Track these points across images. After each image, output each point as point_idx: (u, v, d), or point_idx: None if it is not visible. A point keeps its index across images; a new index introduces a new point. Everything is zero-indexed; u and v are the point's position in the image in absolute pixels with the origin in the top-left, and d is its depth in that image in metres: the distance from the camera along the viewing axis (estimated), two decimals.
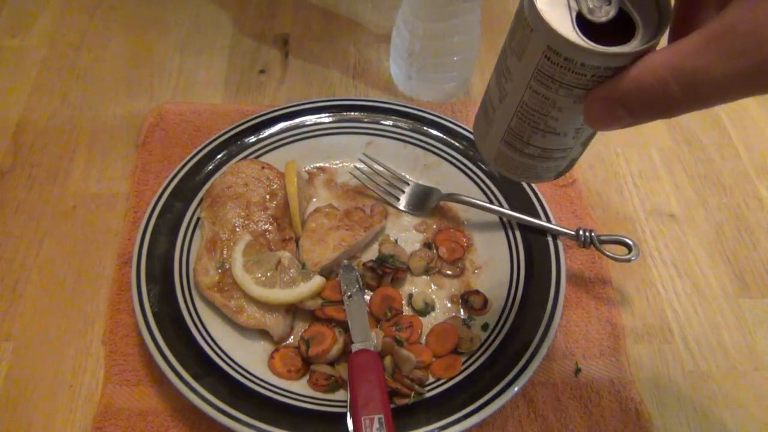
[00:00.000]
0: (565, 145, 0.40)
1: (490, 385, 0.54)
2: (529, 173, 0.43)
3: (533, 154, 0.41)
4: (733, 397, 0.59)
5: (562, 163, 0.42)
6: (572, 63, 0.33)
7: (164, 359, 0.54)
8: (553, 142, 0.39)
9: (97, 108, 0.78)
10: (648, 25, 0.33)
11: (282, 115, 0.73)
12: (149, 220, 0.63)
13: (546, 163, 0.41)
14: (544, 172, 0.43)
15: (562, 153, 0.40)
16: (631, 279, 0.66)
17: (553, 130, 0.38)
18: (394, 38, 0.77)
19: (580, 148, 0.41)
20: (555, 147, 0.40)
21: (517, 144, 0.41)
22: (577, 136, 0.39)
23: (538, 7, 0.33)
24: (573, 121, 0.37)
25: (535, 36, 0.34)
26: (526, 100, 0.37)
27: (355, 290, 0.60)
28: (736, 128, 0.79)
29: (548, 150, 0.40)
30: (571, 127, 0.38)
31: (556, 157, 0.41)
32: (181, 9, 0.90)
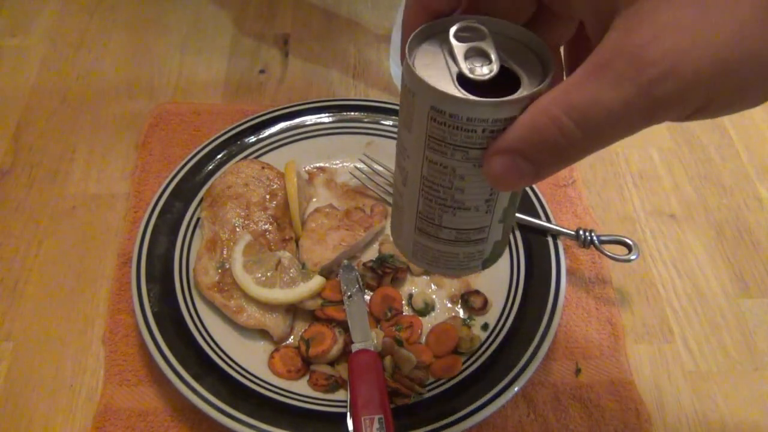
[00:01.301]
0: (480, 222, 0.37)
1: (490, 385, 0.54)
2: (452, 263, 0.40)
3: (449, 238, 0.38)
4: (733, 397, 0.59)
5: (485, 248, 0.39)
6: (458, 119, 0.31)
7: (164, 359, 0.54)
8: (466, 220, 0.37)
9: (97, 108, 0.78)
10: (533, 76, 0.32)
11: (282, 115, 0.73)
12: (149, 220, 0.63)
13: (466, 248, 0.39)
14: (469, 260, 0.40)
15: (481, 234, 0.38)
16: (631, 279, 0.66)
17: (461, 205, 0.36)
18: (394, 38, 0.77)
19: (499, 228, 0.38)
20: (470, 226, 0.37)
21: (430, 229, 0.38)
22: (490, 209, 0.37)
23: (416, 71, 0.32)
24: (480, 191, 0.35)
25: (418, 100, 0.32)
26: (426, 175, 0.35)
27: (355, 290, 0.60)
28: (736, 128, 0.79)
29: (464, 231, 0.38)
30: (480, 198, 0.36)
31: (475, 240, 0.38)
32: (181, 9, 0.90)
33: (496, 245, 0.40)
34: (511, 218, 0.39)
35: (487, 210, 0.37)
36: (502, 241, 0.40)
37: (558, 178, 0.72)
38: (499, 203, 0.36)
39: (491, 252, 0.40)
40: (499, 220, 0.38)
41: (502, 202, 0.37)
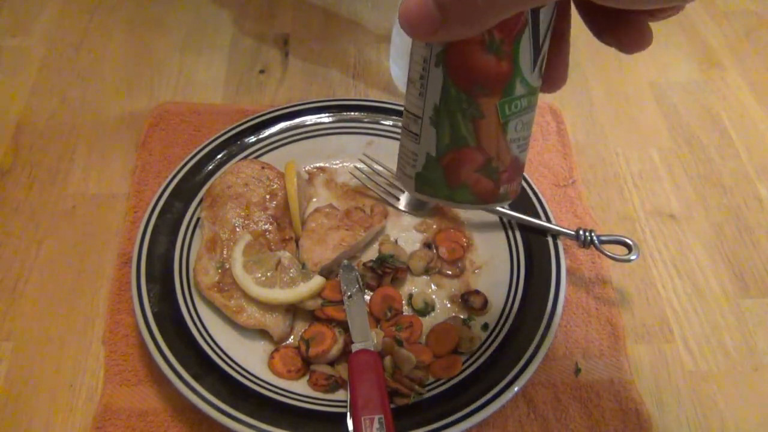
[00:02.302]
0: (416, 106, 0.36)
1: (490, 385, 0.54)
2: (399, 160, 0.39)
3: (403, 122, 0.38)
4: (733, 397, 0.59)
5: (418, 153, 0.38)
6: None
7: (164, 359, 0.54)
8: (409, 96, 0.37)
9: (97, 108, 0.79)
10: None
11: (282, 115, 0.73)
12: (149, 220, 0.63)
13: (406, 142, 0.38)
14: (406, 162, 0.39)
15: (415, 125, 0.37)
16: (631, 279, 0.66)
17: (409, 74, 0.36)
18: (394, 38, 0.77)
19: (431, 134, 0.37)
20: (410, 107, 0.37)
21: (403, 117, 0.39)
22: (423, 93, 0.36)
23: None
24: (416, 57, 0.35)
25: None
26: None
27: (355, 290, 0.60)
28: (736, 128, 0.79)
29: (408, 114, 0.37)
30: (416, 71, 0.36)
31: (411, 132, 0.37)
32: (181, 9, 0.90)
33: (429, 162, 0.38)
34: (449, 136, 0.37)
35: (420, 91, 0.36)
36: (438, 164, 0.38)
37: (558, 178, 0.72)
38: (430, 90, 0.36)
39: (424, 167, 0.38)
40: (430, 117, 0.36)
41: (433, 90, 0.35)
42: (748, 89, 0.84)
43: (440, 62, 0.34)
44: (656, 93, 0.83)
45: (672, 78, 0.85)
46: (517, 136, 0.37)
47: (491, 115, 0.35)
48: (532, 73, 0.35)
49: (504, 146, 0.37)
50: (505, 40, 0.33)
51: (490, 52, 0.33)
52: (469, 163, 0.37)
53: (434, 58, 0.34)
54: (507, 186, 0.39)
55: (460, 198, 0.38)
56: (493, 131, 0.36)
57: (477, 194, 0.38)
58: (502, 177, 0.38)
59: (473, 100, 0.35)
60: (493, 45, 0.33)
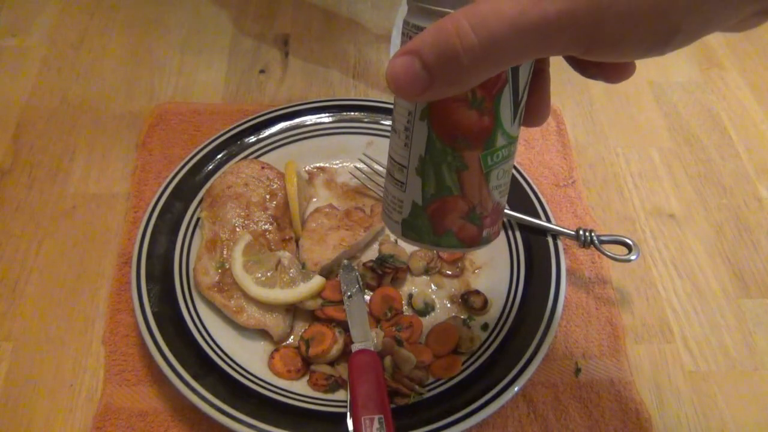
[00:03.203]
0: (402, 156, 0.37)
1: (490, 385, 0.54)
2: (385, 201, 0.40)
3: (388, 167, 0.39)
4: (733, 397, 0.59)
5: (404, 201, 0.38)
6: (407, 26, 0.34)
7: (164, 359, 0.54)
8: (394, 145, 0.38)
9: (97, 108, 0.78)
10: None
11: (282, 115, 0.73)
12: (149, 220, 0.63)
13: (392, 188, 0.39)
14: (392, 208, 0.39)
15: (401, 174, 0.38)
16: (631, 279, 0.66)
17: (393, 125, 0.37)
18: (394, 38, 0.77)
19: (417, 182, 0.37)
20: (395, 156, 0.38)
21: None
22: (408, 143, 0.37)
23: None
24: (400, 110, 0.36)
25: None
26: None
27: (355, 290, 0.60)
28: (736, 128, 0.79)
29: (392, 162, 0.38)
30: (401, 123, 0.36)
31: (397, 180, 0.38)
32: (181, 9, 0.90)
33: (415, 210, 0.39)
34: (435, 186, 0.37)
35: (405, 141, 0.37)
36: (424, 212, 0.38)
37: (558, 178, 0.72)
38: (415, 142, 0.36)
39: (410, 215, 0.39)
40: (416, 167, 0.37)
41: (418, 142, 0.36)
42: (748, 89, 0.84)
43: (425, 117, 0.35)
44: (656, 93, 0.83)
45: (672, 78, 0.85)
46: (499, 183, 0.38)
47: (474, 166, 0.37)
48: (512, 124, 0.36)
49: (486, 194, 0.38)
50: (486, 96, 0.34)
51: (473, 108, 0.34)
52: (454, 211, 0.38)
53: (419, 112, 0.35)
54: (489, 230, 0.40)
55: (445, 243, 0.39)
56: (476, 181, 0.37)
57: (461, 239, 0.39)
58: (485, 222, 0.39)
59: (457, 152, 0.36)
60: (475, 101, 0.34)
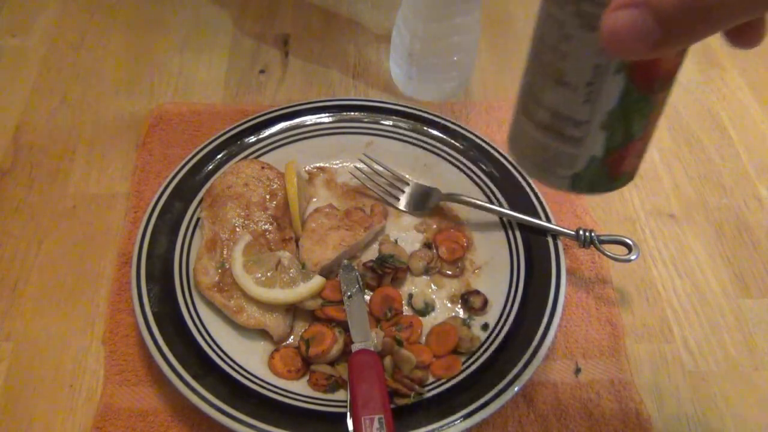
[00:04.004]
0: (577, 112, 0.33)
1: (490, 385, 0.54)
2: (541, 158, 0.36)
3: (544, 121, 0.35)
4: (733, 397, 0.59)
5: (578, 155, 0.35)
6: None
7: (164, 359, 0.54)
8: (563, 100, 0.33)
9: (97, 108, 0.79)
10: None
11: (282, 115, 0.73)
12: (149, 220, 0.63)
13: (558, 144, 0.35)
14: (558, 163, 0.36)
15: (576, 130, 0.34)
16: (631, 279, 0.66)
17: (561, 77, 0.32)
18: (394, 38, 0.77)
19: (600, 138, 0.34)
20: (566, 112, 0.34)
21: (531, 105, 0.35)
22: (590, 99, 0.33)
23: None
24: (581, 63, 0.32)
25: None
26: (540, 35, 0.33)
27: (355, 290, 0.60)
28: (736, 128, 0.79)
29: (559, 117, 0.34)
30: (581, 75, 0.32)
31: (568, 136, 0.35)
32: (181, 9, 0.90)
33: (592, 163, 0.35)
34: (622, 135, 0.34)
35: (586, 98, 0.33)
36: (603, 163, 0.35)
37: None
38: (603, 97, 0.32)
39: (585, 168, 0.36)
40: (601, 124, 0.34)
41: (607, 96, 0.32)
42: (748, 89, 0.84)
43: (621, 69, 0.32)
44: None
45: None
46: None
47: (661, 105, 0.34)
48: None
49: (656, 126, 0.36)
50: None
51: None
52: (633, 154, 0.36)
53: (614, 66, 0.32)
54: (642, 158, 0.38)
55: (616, 186, 0.37)
56: (657, 119, 0.35)
57: (630, 176, 0.37)
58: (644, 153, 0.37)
59: (651, 97, 0.33)
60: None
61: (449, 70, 0.77)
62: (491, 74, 0.84)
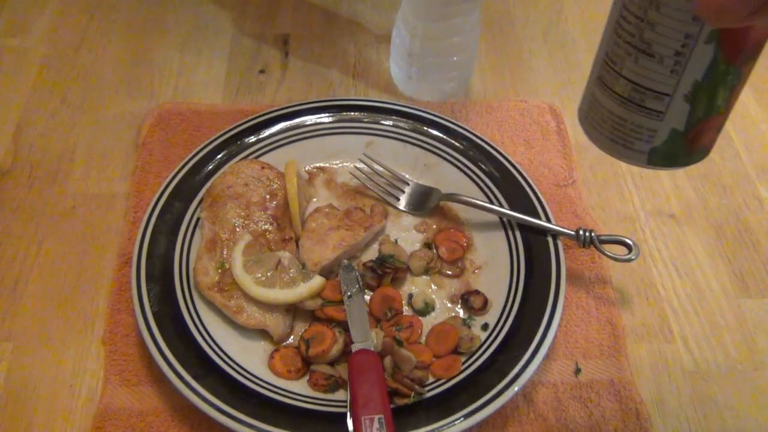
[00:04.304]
0: (661, 83, 0.32)
1: (490, 385, 0.54)
2: (617, 132, 0.35)
3: (623, 94, 0.34)
4: (733, 397, 0.59)
5: (658, 129, 0.34)
6: None
7: (164, 359, 0.54)
8: (647, 72, 0.32)
9: (97, 108, 0.78)
10: None
11: (282, 115, 0.73)
12: (149, 220, 0.63)
13: (637, 116, 0.34)
14: (635, 136, 0.35)
15: (658, 103, 0.33)
16: (631, 279, 0.66)
17: (647, 48, 0.31)
18: (394, 38, 0.77)
19: (683, 110, 0.33)
20: (649, 84, 0.33)
21: (609, 78, 0.34)
22: (677, 70, 0.32)
23: None
24: (672, 33, 0.31)
25: None
26: (626, 1, 0.32)
27: (355, 290, 0.60)
28: (736, 128, 0.79)
29: (640, 89, 0.33)
30: (670, 46, 0.31)
31: (649, 108, 0.34)
32: (181, 9, 0.90)
33: (673, 137, 0.35)
34: (705, 108, 0.33)
35: (673, 68, 0.32)
36: (683, 137, 0.34)
37: (558, 178, 0.72)
38: (691, 68, 0.32)
39: (665, 142, 0.35)
40: (685, 95, 0.33)
41: (695, 67, 0.32)
42: (749, 89, 0.84)
43: (713, 38, 0.31)
44: None
45: None
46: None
47: (745, 78, 0.34)
48: None
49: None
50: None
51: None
52: (713, 128, 0.35)
53: (705, 35, 0.31)
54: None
55: (695, 160, 0.37)
56: (740, 92, 0.35)
57: (707, 151, 0.37)
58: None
59: (737, 69, 0.33)
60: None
61: (449, 70, 0.77)
62: (491, 74, 0.84)
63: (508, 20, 0.91)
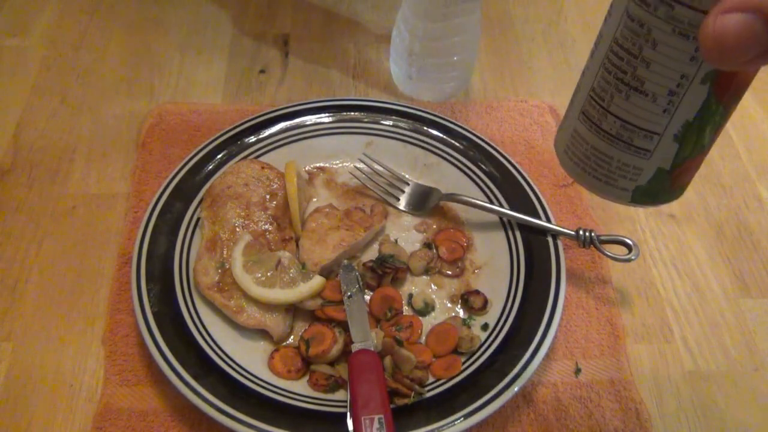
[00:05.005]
0: (652, 122, 0.31)
1: (490, 385, 0.54)
2: (601, 169, 0.34)
3: (611, 131, 0.33)
4: (733, 397, 0.59)
5: (644, 168, 0.33)
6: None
7: (164, 359, 0.54)
8: (637, 109, 0.31)
9: (97, 108, 0.79)
10: None
11: (282, 115, 0.73)
12: (149, 220, 0.63)
13: (624, 154, 0.33)
14: (620, 175, 0.34)
15: (646, 141, 0.32)
16: (631, 279, 0.66)
17: (640, 85, 0.30)
18: (394, 38, 0.77)
19: (671, 149, 0.32)
20: (638, 122, 0.32)
21: (594, 114, 0.32)
22: (670, 108, 0.31)
23: None
24: (667, 72, 0.30)
25: None
26: (617, 37, 0.31)
27: (355, 290, 0.60)
28: (736, 128, 0.79)
29: (629, 127, 0.32)
30: (664, 84, 0.30)
31: (637, 146, 0.33)
32: (181, 9, 0.90)
33: (658, 175, 0.34)
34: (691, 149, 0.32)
35: (666, 108, 0.31)
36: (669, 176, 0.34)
37: (558, 178, 0.72)
38: (684, 105, 0.31)
39: (649, 181, 0.34)
40: (675, 134, 0.32)
41: (688, 106, 0.31)
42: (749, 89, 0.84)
43: (708, 79, 0.30)
44: None
45: None
46: None
47: (729, 117, 0.33)
48: None
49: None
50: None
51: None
52: (696, 167, 0.35)
53: (701, 75, 0.30)
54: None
55: (674, 198, 0.36)
56: (721, 131, 0.34)
57: (684, 188, 0.36)
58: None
59: (726, 109, 0.32)
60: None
61: (449, 70, 0.77)
62: (491, 74, 0.84)
63: (508, 20, 0.91)
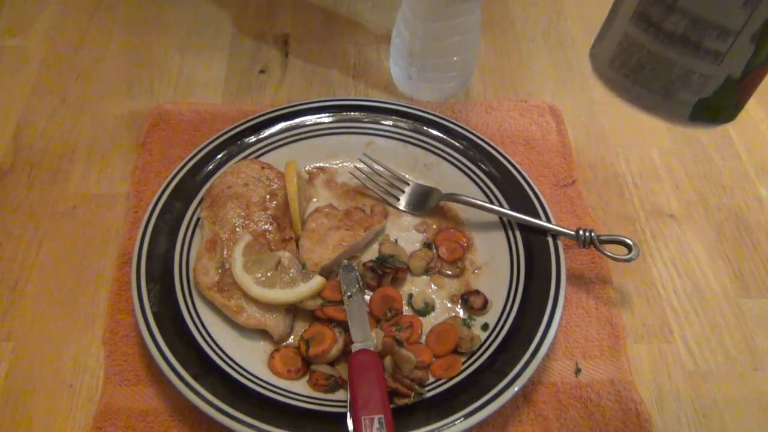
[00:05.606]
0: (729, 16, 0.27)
1: (490, 385, 0.54)
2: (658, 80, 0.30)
3: (677, 30, 0.29)
4: (733, 397, 0.59)
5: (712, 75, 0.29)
6: None
7: (164, 359, 0.54)
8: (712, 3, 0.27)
9: (97, 108, 0.79)
10: None
11: (282, 115, 0.73)
12: (149, 220, 0.63)
13: (691, 61, 0.29)
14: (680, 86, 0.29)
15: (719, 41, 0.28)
16: (631, 279, 0.66)
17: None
18: (394, 38, 0.77)
19: (746, 49, 0.28)
20: (714, 17, 0.28)
21: (655, 11, 0.27)
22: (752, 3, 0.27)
23: None
24: None
25: None
26: None
27: (355, 290, 0.60)
28: (736, 129, 0.79)
29: (702, 24, 0.28)
30: None
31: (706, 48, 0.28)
32: (181, 9, 0.90)
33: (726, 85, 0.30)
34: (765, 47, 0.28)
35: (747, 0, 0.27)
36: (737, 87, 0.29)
37: (558, 178, 0.72)
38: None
39: (716, 92, 0.31)
40: (753, 33, 0.28)
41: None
42: None
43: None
44: None
45: None
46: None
47: None
48: None
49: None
50: None
51: None
52: (760, 79, 0.31)
53: None
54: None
55: (733, 117, 0.33)
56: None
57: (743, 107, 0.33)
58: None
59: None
60: None
61: (449, 70, 0.77)
62: (491, 74, 0.84)
63: (508, 20, 0.91)
